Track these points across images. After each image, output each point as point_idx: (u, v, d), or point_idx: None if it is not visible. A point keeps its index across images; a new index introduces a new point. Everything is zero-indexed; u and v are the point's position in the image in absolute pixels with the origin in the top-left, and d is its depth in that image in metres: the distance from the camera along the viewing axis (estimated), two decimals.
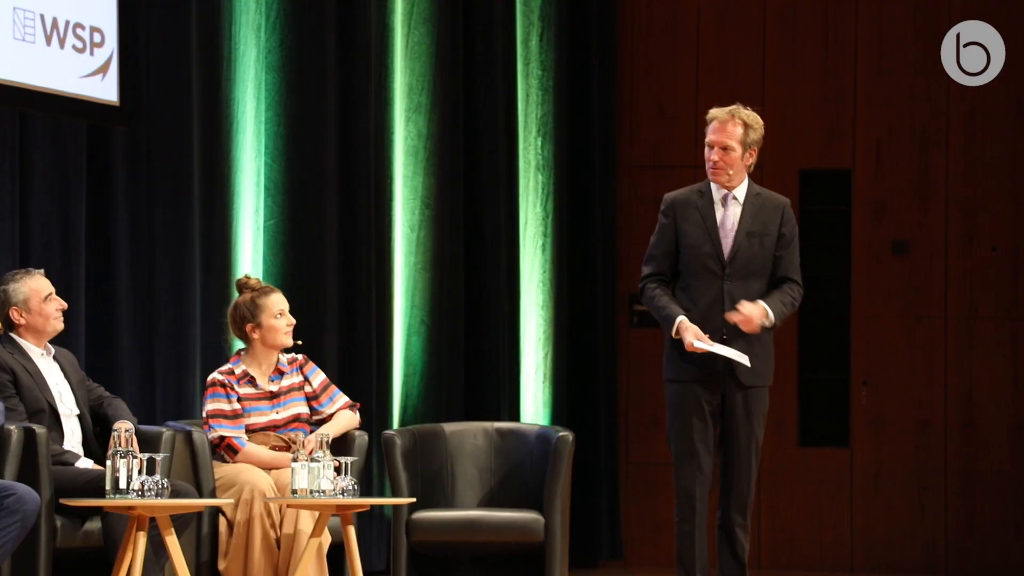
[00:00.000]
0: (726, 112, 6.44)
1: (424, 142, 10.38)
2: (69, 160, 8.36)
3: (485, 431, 6.88)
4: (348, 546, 5.90)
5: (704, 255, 6.40)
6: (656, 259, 6.50)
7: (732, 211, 6.45)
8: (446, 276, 10.47)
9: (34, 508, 5.41)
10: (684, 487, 6.34)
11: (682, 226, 6.44)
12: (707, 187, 6.50)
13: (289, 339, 6.60)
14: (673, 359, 6.45)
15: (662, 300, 6.42)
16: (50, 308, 6.07)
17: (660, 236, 6.49)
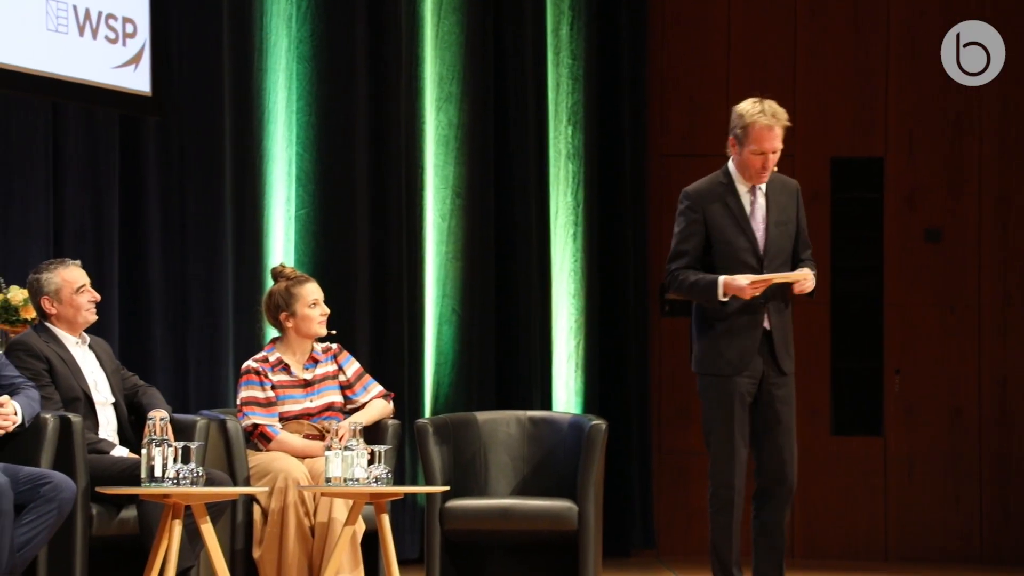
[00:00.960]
0: (771, 117, 6.25)
1: (455, 131, 10.38)
2: (101, 151, 8.39)
3: (518, 420, 6.87)
4: (382, 534, 5.90)
5: (740, 249, 6.31)
6: (687, 255, 6.31)
7: (759, 202, 6.38)
8: (477, 265, 10.47)
9: (70, 496, 5.43)
10: (725, 480, 6.26)
11: (713, 221, 6.31)
12: (727, 177, 6.37)
13: (323, 329, 6.60)
14: (711, 352, 6.33)
15: (694, 275, 6.28)
16: (81, 299, 6.07)
17: (689, 232, 6.32)
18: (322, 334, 6.61)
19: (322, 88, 9.50)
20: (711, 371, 6.33)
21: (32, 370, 5.90)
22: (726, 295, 6.24)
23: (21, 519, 5.38)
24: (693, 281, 6.28)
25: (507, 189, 10.75)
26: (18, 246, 7.87)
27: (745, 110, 6.32)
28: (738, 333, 6.30)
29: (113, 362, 6.20)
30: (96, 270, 7.38)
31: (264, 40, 9.23)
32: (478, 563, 6.60)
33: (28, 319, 7.27)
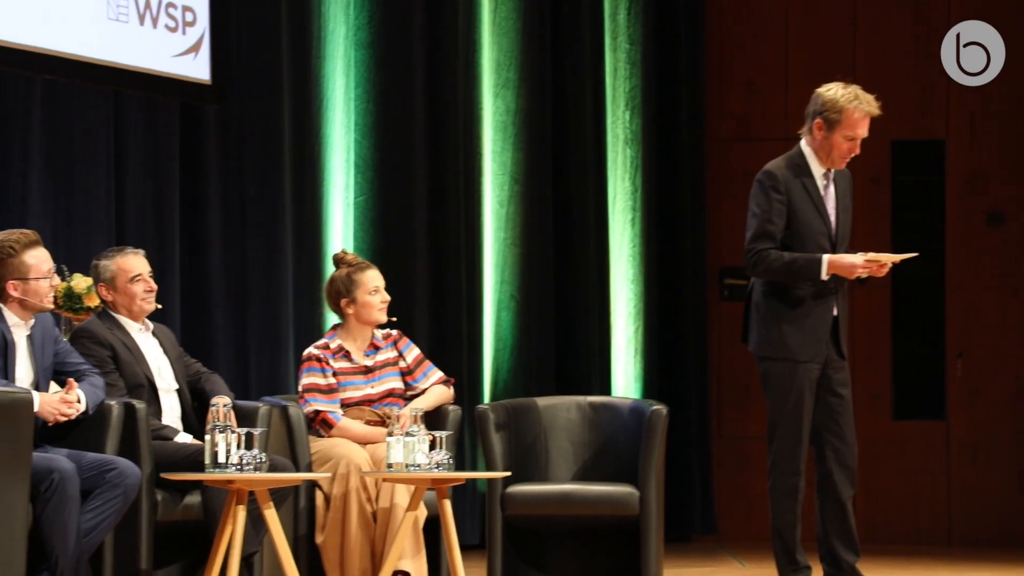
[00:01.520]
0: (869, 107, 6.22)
1: (512, 117, 10.37)
2: (162, 139, 8.43)
3: (578, 405, 6.85)
4: (444, 520, 5.91)
5: (817, 233, 6.30)
6: (770, 235, 6.25)
7: (831, 188, 6.39)
8: (535, 251, 10.46)
9: (135, 482, 5.47)
10: (791, 467, 6.23)
11: (795, 205, 6.33)
12: (804, 161, 6.35)
13: (383, 316, 6.60)
14: (781, 336, 6.28)
15: (788, 255, 6.23)
16: (136, 288, 6.08)
17: (773, 212, 6.28)
18: (382, 321, 6.61)
19: (380, 75, 9.52)
20: (780, 355, 6.28)
21: (96, 357, 5.94)
22: (828, 273, 6.23)
23: (87, 505, 5.42)
24: (790, 260, 6.23)
25: (565, 175, 10.74)
26: (80, 235, 7.93)
27: (839, 95, 6.30)
28: (812, 319, 6.27)
29: (176, 349, 6.23)
30: (157, 258, 7.42)
31: (322, 27, 9.25)
32: (539, 548, 6.60)
33: (91, 307, 7.33)
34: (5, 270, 5.54)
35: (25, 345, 5.58)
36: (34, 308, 5.58)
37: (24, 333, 5.59)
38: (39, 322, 5.65)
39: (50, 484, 5.25)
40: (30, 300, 5.55)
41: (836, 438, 6.34)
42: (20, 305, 5.55)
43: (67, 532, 5.28)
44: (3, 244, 5.57)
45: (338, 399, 6.47)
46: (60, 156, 7.96)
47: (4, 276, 5.54)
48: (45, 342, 5.66)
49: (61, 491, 5.27)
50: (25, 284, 5.54)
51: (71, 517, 5.29)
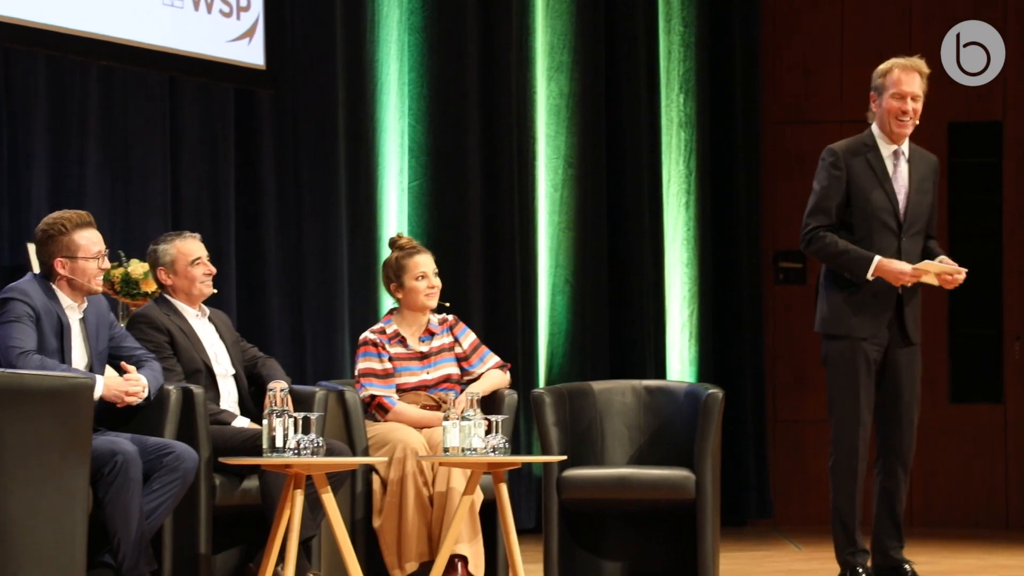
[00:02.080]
0: (911, 62, 6.24)
1: (566, 101, 10.36)
2: (217, 125, 8.47)
3: (634, 389, 6.83)
4: (501, 504, 5.91)
5: (881, 211, 6.26)
6: (826, 212, 6.28)
7: (902, 167, 6.33)
8: (590, 235, 10.45)
9: (192, 466, 5.50)
10: (848, 446, 6.23)
11: (855, 180, 6.28)
12: (872, 140, 6.33)
13: (430, 302, 6.54)
14: (842, 314, 6.28)
15: (841, 244, 6.22)
16: (196, 272, 6.10)
17: (831, 188, 6.28)
18: (429, 306, 6.56)
19: (434, 59, 9.52)
20: (839, 332, 6.28)
21: (154, 342, 5.96)
22: (873, 275, 6.19)
23: (146, 488, 5.46)
24: (842, 249, 6.22)
25: (619, 158, 10.71)
26: (137, 220, 7.97)
27: (884, 64, 6.32)
28: (872, 298, 6.24)
29: (232, 334, 6.25)
30: (213, 243, 7.45)
31: (376, 12, 9.26)
32: (595, 532, 6.59)
33: (148, 292, 7.36)
34: (54, 247, 5.57)
35: (79, 328, 5.61)
36: (82, 289, 5.60)
37: (77, 316, 5.62)
38: (92, 305, 5.68)
39: (113, 467, 5.29)
40: (77, 279, 5.58)
41: (889, 424, 6.32)
42: (69, 285, 5.58)
43: (129, 515, 5.32)
44: (55, 222, 5.60)
45: (394, 384, 6.48)
46: (116, 142, 8.01)
47: (53, 253, 5.57)
48: (100, 326, 5.68)
49: (124, 473, 5.30)
50: (73, 263, 5.57)
51: (133, 500, 5.33)
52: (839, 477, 6.28)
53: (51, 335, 5.50)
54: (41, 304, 5.50)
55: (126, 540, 5.26)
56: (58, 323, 5.53)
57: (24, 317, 5.44)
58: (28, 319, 5.44)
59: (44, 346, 5.47)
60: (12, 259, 7.53)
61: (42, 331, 5.47)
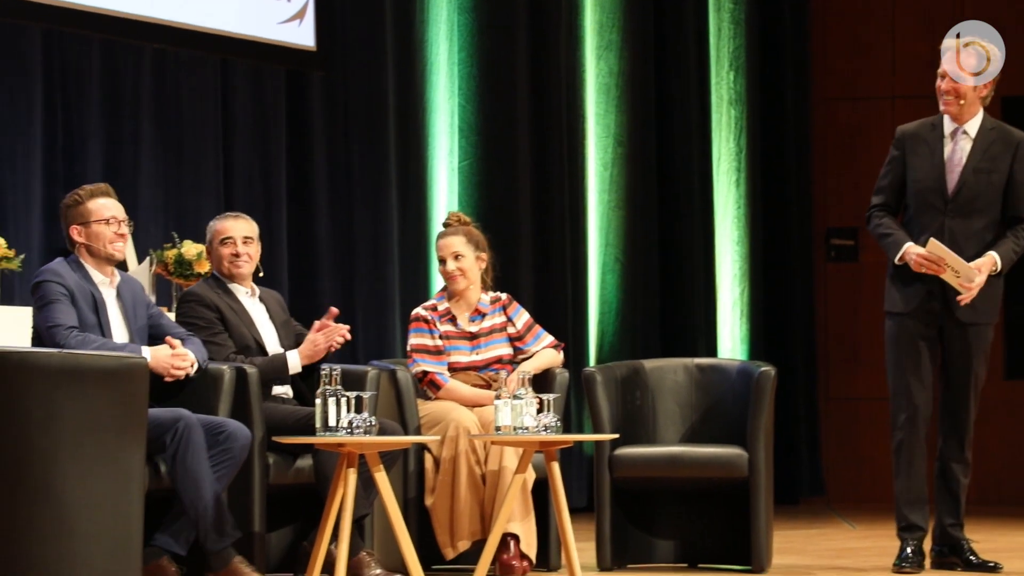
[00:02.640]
0: (960, 41, 6.25)
1: (616, 79, 10.34)
2: (268, 106, 8.50)
3: (685, 367, 6.82)
4: (553, 482, 5.91)
5: (928, 190, 6.27)
6: (883, 191, 6.38)
7: (961, 146, 6.31)
8: (640, 213, 10.44)
9: (245, 444, 5.52)
10: (901, 421, 6.26)
11: (910, 160, 6.32)
12: (939, 120, 6.34)
13: (454, 284, 6.50)
14: (892, 292, 6.33)
15: (887, 227, 6.30)
16: (223, 251, 6.13)
17: (889, 168, 6.38)
18: (455, 289, 6.53)
19: (483, 39, 9.52)
20: (889, 309, 6.35)
21: (204, 319, 5.99)
22: (902, 260, 6.23)
23: None
24: (883, 232, 6.33)
25: (669, 136, 10.69)
26: (190, 202, 8.02)
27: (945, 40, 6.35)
28: (913, 274, 6.26)
29: (283, 314, 6.27)
30: (265, 224, 7.49)
31: None
32: (647, 510, 6.60)
33: (202, 273, 7.41)
34: (71, 217, 5.64)
35: (115, 303, 5.66)
36: (101, 255, 5.63)
37: (111, 291, 5.66)
38: (126, 283, 5.72)
39: (175, 433, 5.33)
40: (94, 245, 5.62)
41: (948, 400, 6.32)
42: (88, 252, 5.62)
43: (200, 479, 5.35)
44: (72, 194, 5.69)
45: (446, 361, 6.48)
46: (169, 124, 8.05)
47: (70, 223, 5.64)
48: (136, 304, 5.72)
49: (187, 439, 5.34)
50: (87, 228, 5.61)
51: (201, 464, 5.36)
52: (895, 451, 6.30)
53: (88, 311, 5.55)
54: (73, 282, 5.55)
55: (203, 507, 5.29)
56: (92, 299, 5.57)
57: (60, 297, 5.49)
58: (64, 298, 5.50)
59: (82, 322, 5.52)
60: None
61: (78, 308, 5.53)
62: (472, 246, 6.52)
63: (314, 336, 6.02)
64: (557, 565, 6.41)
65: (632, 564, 6.55)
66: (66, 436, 4.69)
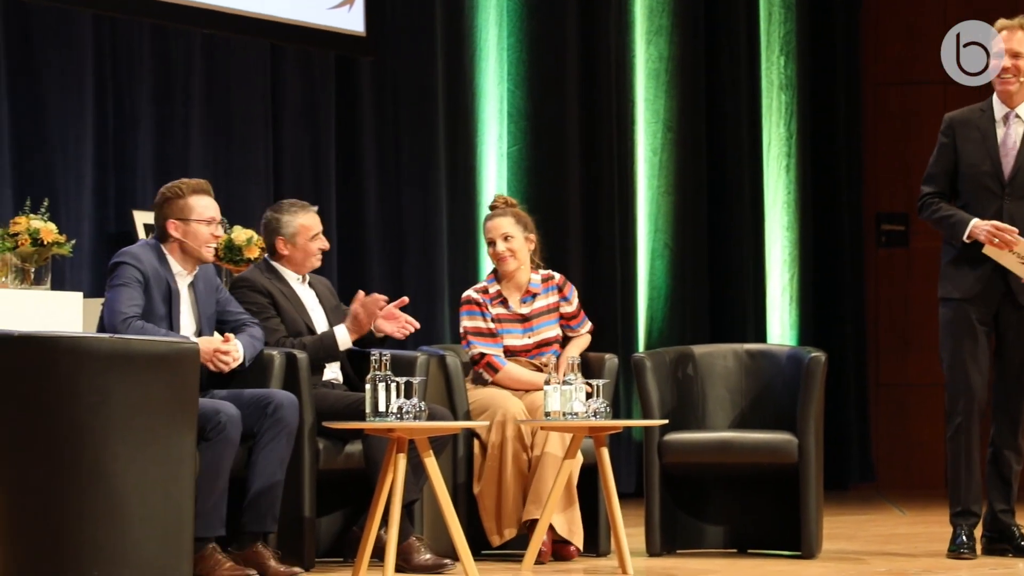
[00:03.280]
0: (1015, 21, 6.20)
1: (665, 64, 10.31)
2: (318, 92, 8.51)
3: (735, 353, 6.80)
4: (602, 468, 5.90)
5: (983, 174, 6.22)
6: (935, 178, 6.31)
7: (1014, 129, 6.26)
8: (689, 199, 10.41)
9: (293, 411, 5.52)
10: (956, 407, 6.21)
11: (961, 145, 6.26)
12: (989, 106, 6.29)
13: (504, 265, 6.49)
14: (952, 277, 6.26)
15: (947, 210, 6.24)
16: (314, 246, 6.15)
17: (939, 155, 6.31)
18: (505, 271, 6.52)
19: (532, 24, 9.51)
20: (945, 295, 6.29)
21: (256, 304, 6.01)
22: (970, 238, 6.15)
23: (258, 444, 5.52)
24: (944, 215, 6.23)
25: (719, 121, 10.66)
26: (239, 187, 8.04)
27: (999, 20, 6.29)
28: (973, 260, 6.19)
29: (332, 300, 6.29)
30: None
31: None
32: (696, 496, 6.58)
33: (251, 258, 7.43)
34: (169, 210, 5.64)
35: (188, 294, 5.67)
36: (193, 254, 5.66)
37: (187, 282, 5.68)
38: (201, 272, 5.74)
39: (215, 426, 5.35)
40: (189, 243, 5.63)
41: (1002, 386, 6.29)
42: (180, 249, 5.64)
43: (219, 475, 5.38)
44: (172, 186, 5.69)
45: (501, 344, 6.47)
46: (219, 110, 8.08)
47: (167, 215, 5.63)
48: (207, 291, 5.75)
49: (225, 435, 5.36)
50: (186, 225, 5.63)
51: (225, 461, 5.39)
52: (949, 438, 6.26)
53: (159, 300, 5.56)
54: (151, 269, 5.56)
55: (205, 501, 5.31)
56: (167, 289, 5.59)
57: (133, 282, 5.51)
58: (137, 284, 5.51)
59: (152, 311, 5.53)
60: (118, 226, 7.63)
61: (150, 296, 5.54)
62: (520, 227, 6.51)
63: (354, 308, 6.03)
64: (606, 550, 6.41)
65: (681, 549, 6.54)
66: (117, 420, 4.72)
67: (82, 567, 4.71)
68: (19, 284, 6.79)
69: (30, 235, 6.76)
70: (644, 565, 6.09)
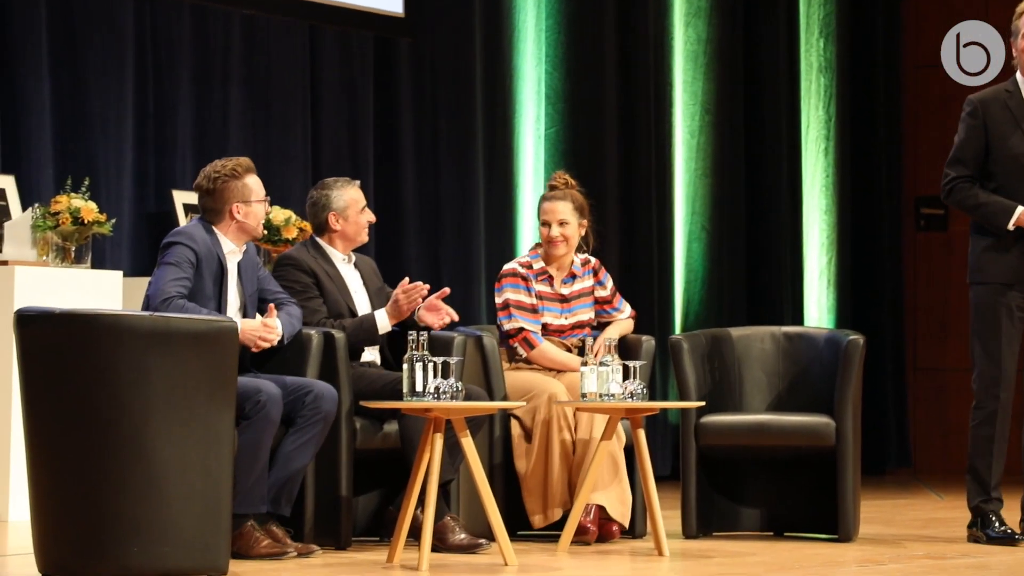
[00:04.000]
0: None
1: (703, 46, 10.28)
2: (356, 73, 8.53)
3: (772, 335, 6.77)
4: (639, 449, 5.90)
5: (1020, 155, 6.14)
6: (964, 162, 6.16)
7: None
8: (727, 182, 10.39)
9: (333, 405, 5.55)
10: (988, 393, 6.15)
11: (993, 127, 6.15)
12: (1014, 85, 6.20)
13: (554, 249, 6.48)
14: (984, 261, 6.16)
15: (983, 196, 6.12)
16: (364, 219, 6.17)
17: (968, 137, 6.16)
18: (554, 255, 6.51)
19: (571, 5, 9.50)
20: (980, 280, 6.19)
21: (300, 283, 6.02)
22: (1016, 225, 6.07)
23: (292, 430, 5.54)
24: (982, 201, 6.11)
25: (757, 104, 10.62)
26: (277, 168, 8.07)
27: (1020, 5, 6.19)
28: (1016, 243, 6.12)
29: (376, 281, 6.29)
30: None
31: None
32: (733, 478, 6.57)
33: (288, 238, 7.45)
34: (230, 192, 5.65)
35: (235, 272, 5.71)
36: (250, 233, 5.70)
37: (236, 259, 5.71)
38: (248, 249, 5.78)
39: (255, 405, 5.37)
40: (249, 224, 5.67)
41: None
42: (239, 229, 5.66)
43: (258, 453, 5.40)
44: (227, 167, 5.68)
45: (540, 321, 6.45)
46: (258, 91, 8.10)
47: (229, 199, 5.64)
48: (251, 270, 5.77)
49: (265, 413, 5.38)
50: (248, 207, 5.66)
51: (265, 440, 5.41)
52: (975, 423, 6.20)
53: (209, 280, 5.58)
54: (204, 249, 5.58)
55: (245, 479, 5.33)
56: (218, 268, 5.61)
57: (184, 262, 5.52)
58: (188, 264, 5.52)
59: (201, 290, 5.55)
60: (158, 206, 7.67)
61: (201, 276, 5.56)
62: (577, 213, 6.51)
63: (396, 294, 6.04)
64: (643, 532, 6.41)
65: (717, 532, 6.53)
66: (157, 398, 4.75)
67: (121, 543, 4.74)
68: (60, 263, 6.84)
69: (71, 214, 6.80)
70: (680, 547, 6.09)
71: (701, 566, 5.60)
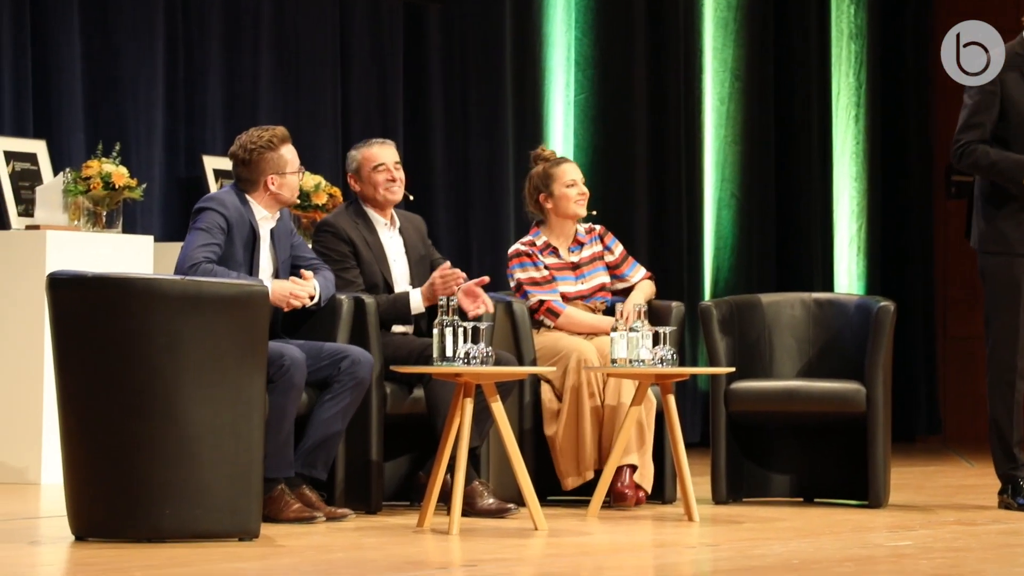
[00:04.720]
0: None
1: (733, 13, 10.24)
2: (386, 40, 8.52)
3: (803, 301, 6.76)
4: (668, 415, 5.91)
5: None
6: (980, 127, 6.05)
7: None
8: (756, 149, 10.36)
9: (368, 370, 5.56)
10: (1005, 363, 6.12)
11: (1008, 91, 6.08)
12: (1022, 48, 6.12)
13: (581, 209, 6.52)
14: (997, 230, 6.11)
15: (995, 154, 6.04)
16: (379, 178, 6.12)
17: (982, 102, 6.04)
18: (581, 214, 6.55)
19: None
20: (995, 249, 6.13)
21: (337, 252, 6.01)
22: None
23: (326, 395, 5.56)
24: (996, 159, 6.03)
25: (787, 71, 10.58)
26: (308, 134, 8.07)
27: None
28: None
29: (421, 247, 6.23)
30: None
31: None
32: (762, 445, 6.57)
33: (319, 204, 7.46)
34: (266, 163, 5.65)
35: (268, 238, 5.71)
36: (284, 202, 5.71)
37: (269, 226, 5.71)
38: (282, 216, 5.78)
39: (279, 369, 5.39)
40: (284, 194, 5.68)
41: None
42: (273, 199, 5.66)
43: (284, 417, 5.41)
44: (262, 138, 5.67)
45: (556, 290, 6.48)
46: (288, 57, 8.10)
47: (265, 170, 5.64)
48: (284, 236, 5.78)
49: (288, 377, 5.40)
50: (282, 178, 5.66)
51: (290, 404, 5.42)
52: (995, 392, 6.18)
53: (240, 247, 5.59)
54: (236, 215, 5.58)
55: (272, 443, 5.35)
56: (250, 233, 5.61)
57: (215, 228, 5.52)
58: (219, 231, 5.52)
59: (232, 256, 5.56)
60: (188, 171, 7.68)
61: (232, 242, 5.57)
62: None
63: (433, 278, 6.02)
64: (672, 498, 6.42)
65: (747, 498, 6.53)
66: (188, 362, 4.76)
67: (154, 506, 4.77)
68: (91, 227, 6.86)
69: (102, 179, 6.82)
70: (710, 512, 6.09)
71: (731, 531, 5.60)
